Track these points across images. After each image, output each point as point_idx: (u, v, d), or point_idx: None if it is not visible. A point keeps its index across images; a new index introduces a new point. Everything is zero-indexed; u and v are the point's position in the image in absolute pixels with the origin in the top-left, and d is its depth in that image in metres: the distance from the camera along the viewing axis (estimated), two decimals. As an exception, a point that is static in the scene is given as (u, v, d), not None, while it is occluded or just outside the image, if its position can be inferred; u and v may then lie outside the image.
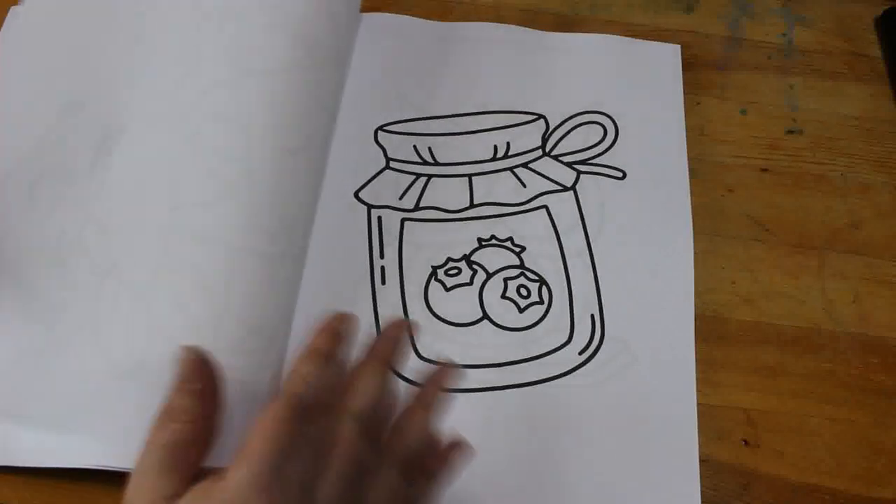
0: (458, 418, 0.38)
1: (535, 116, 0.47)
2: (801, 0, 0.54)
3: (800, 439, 0.40)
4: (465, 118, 0.47)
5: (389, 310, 0.41)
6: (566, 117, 0.47)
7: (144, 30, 0.42)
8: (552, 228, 0.44)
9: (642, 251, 0.43)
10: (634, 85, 0.49)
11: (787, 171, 0.48)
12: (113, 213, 0.37)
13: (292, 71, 0.39)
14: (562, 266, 0.43)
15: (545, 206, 0.44)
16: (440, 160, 0.45)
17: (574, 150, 0.46)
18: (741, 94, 0.50)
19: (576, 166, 0.46)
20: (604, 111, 0.48)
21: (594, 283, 0.42)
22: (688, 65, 0.50)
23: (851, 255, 0.45)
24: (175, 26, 0.41)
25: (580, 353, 0.41)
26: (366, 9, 0.51)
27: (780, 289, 0.44)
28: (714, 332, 0.42)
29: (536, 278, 0.42)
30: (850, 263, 0.45)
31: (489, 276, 0.42)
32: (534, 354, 0.40)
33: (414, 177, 0.45)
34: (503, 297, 0.42)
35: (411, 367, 0.40)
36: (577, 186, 0.45)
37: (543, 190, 0.45)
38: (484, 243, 0.43)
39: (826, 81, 0.51)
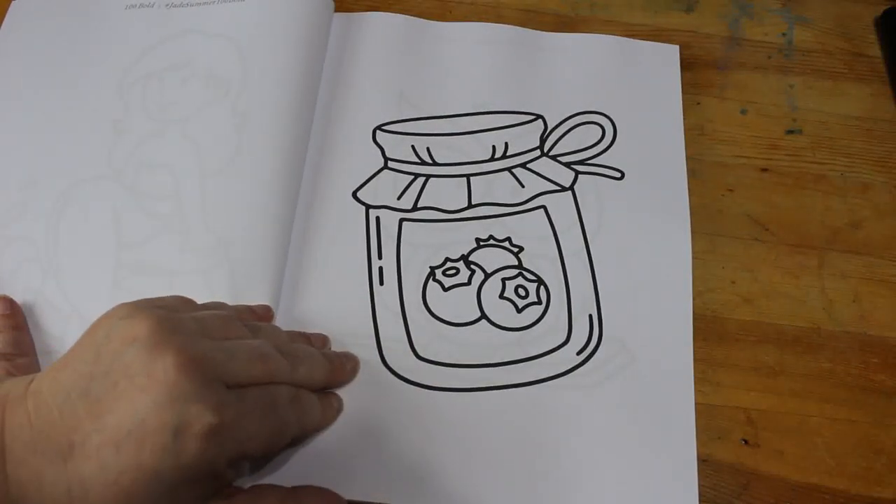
0: (456, 417, 0.38)
1: (533, 117, 0.47)
2: (801, 0, 0.54)
3: (800, 439, 0.40)
4: (463, 118, 0.47)
5: (387, 310, 0.41)
6: (564, 117, 0.47)
7: (79, 99, 0.47)
8: (550, 229, 0.44)
9: (640, 251, 0.43)
10: (632, 85, 0.49)
11: (787, 171, 0.47)
12: (67, 264, 0.42)
13: (206, 110, 0.46)
14: (560, 266, 0.43)
15: (543, 207, 0.44)
16: (438, 160, 0.45)
17: (572, 150, 0.46)
18: (741, 94, 0.50)
19: (574, 166, 0.46)
20: (602, 111, 0.48)
21: (592, 284, 0.42)
22: (688, 65, 0.50)
23: (851, 255, 0.45)
24: (103, 91, 0.47)
25: (578, 354, 0.41)
26: (366, 8, 0.51)
27: (780, 289, 0.44)
28: (714, 332, 0.42)
29: (534, 278, 0.42)
30: (850, 263, 0.45)
31: (487, 276, 0.42)
32: (532, 354, 0.40)
33: (412, 177, 0.45)
34: (501, 297, 0.42)
35: (410, 367, 0.40)
36: (576, 187, 0.45)
37: (542, 190, 0.45)
38: (482, 243, 0.43)
39: (826, 81, 0.51)
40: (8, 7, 0.50)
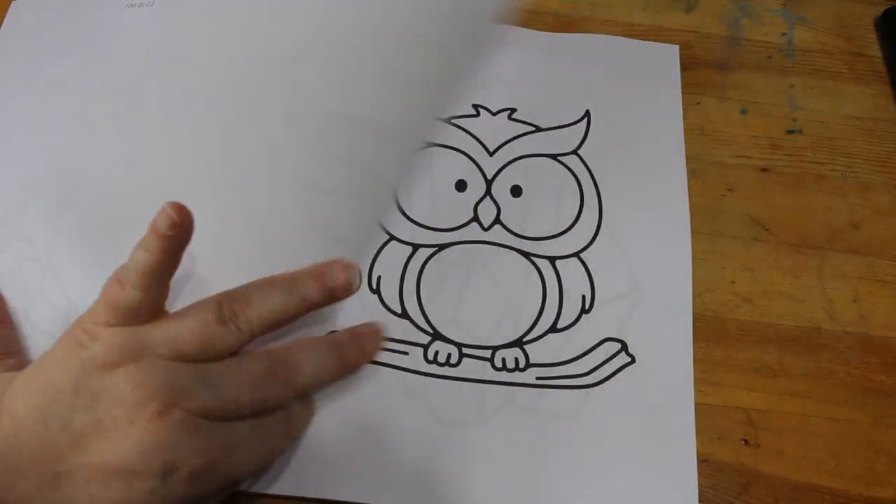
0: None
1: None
2: (801, 0, 0.54)
3: (800, 439, 0.40)
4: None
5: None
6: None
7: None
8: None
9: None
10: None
11: (787, 171, 0.48)
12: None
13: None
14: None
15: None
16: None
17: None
18: (741, 94, 0.50)
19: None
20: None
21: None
22: (688, 65, 0.50)
23: (851, 255, 0.45)
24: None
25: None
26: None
27: (780, 289, 0.44)
28: (714, 332, 0.42)
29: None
30: (850, 263, 0.45)
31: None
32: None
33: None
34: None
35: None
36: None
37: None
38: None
39: (826, 81, 0.51)
40: (8, 7, 0.50)
